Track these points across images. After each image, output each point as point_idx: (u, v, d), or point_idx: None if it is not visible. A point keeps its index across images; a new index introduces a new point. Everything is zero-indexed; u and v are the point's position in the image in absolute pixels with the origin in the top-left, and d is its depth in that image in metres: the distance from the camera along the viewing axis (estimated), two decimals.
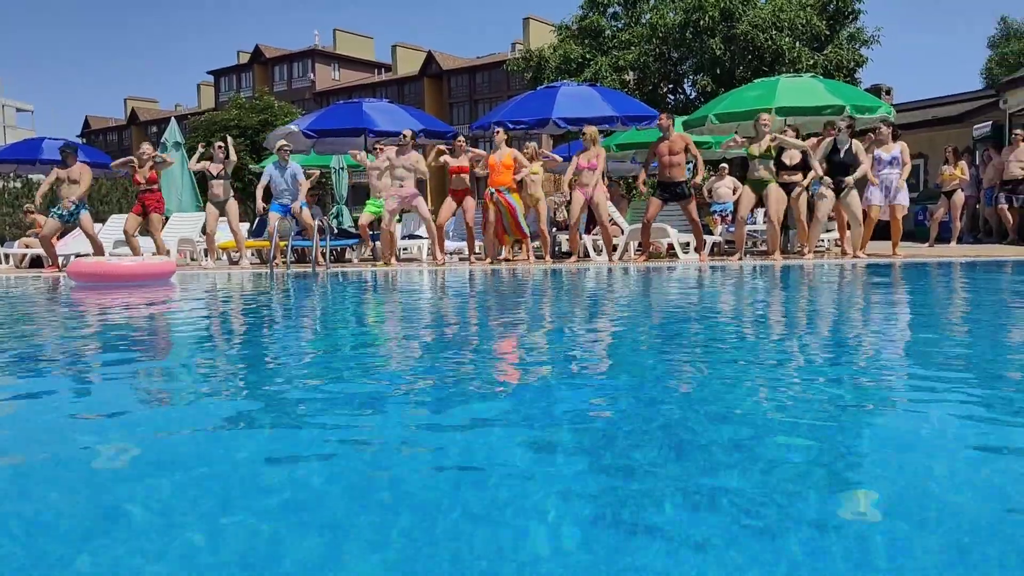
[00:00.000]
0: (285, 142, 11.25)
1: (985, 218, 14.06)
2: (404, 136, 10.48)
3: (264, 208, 11.29)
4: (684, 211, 10.04)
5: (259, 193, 11.24)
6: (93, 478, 1.51)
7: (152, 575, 1.06)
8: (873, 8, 69.59)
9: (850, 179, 9.22)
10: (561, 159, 12.24)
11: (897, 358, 2.83)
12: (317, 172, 12.64)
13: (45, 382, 2.65)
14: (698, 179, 10.29)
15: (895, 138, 9.75)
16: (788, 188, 9.55)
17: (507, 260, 10.64)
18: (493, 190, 10.14)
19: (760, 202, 9.74)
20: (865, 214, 9.46)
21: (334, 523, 1.22)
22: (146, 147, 11.36)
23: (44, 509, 1.33)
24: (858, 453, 1.61)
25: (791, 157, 9.49)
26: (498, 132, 10.52)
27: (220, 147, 11.50)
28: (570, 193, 10.32)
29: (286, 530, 1.20)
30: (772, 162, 9.48)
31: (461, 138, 10.99)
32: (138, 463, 1.60)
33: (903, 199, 9.62)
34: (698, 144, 13.55)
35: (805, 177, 9.52)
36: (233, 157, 11.48)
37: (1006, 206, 12.34)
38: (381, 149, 11.10)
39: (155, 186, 11.07)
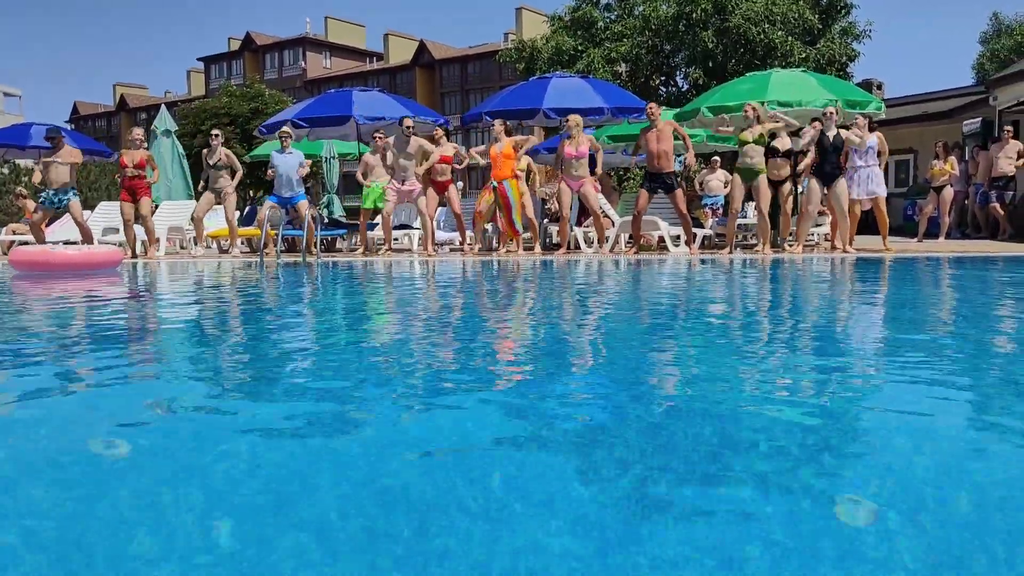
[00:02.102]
0: (287, 129, 11.10)
1: (974, 214, 14.12)
2: (407, 128, 10.52)
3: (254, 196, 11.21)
4: (672, 203, 10.05)
5: (270, 175, 11.00)
6: None
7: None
8: (865, 2, 69.67)
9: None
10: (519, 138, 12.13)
11: (886, 352, 2.85)
12: (308, 162, 12.54)
13: None
14: (689, 159, 10.14)
15: (871, 130, 9.79)
16: (776, 183, 9.62)
17: (502, 251, 10.62)
18: (495, 183, 10.19)
19: (750, 194, 9.79)
20: (848, 208, 9.53)
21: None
22: (137, 131, 11.24)
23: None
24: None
25: (783, 143, 9.53)
26: (495, 124, 10.50)
27: (215, 135, 11.32)
28: (557, 184, 10.33)
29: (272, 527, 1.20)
30: (763, 149, 9.51)
31: (438, 129, 11.02)
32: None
33: (879, 189, 9.61)
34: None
35: (793, 167, 9.63)
36: (237, 167, 11.31)
37: (997, 204, 12.40)
38: (380, 138, 11.04)
39: (142, 172, 10.88)
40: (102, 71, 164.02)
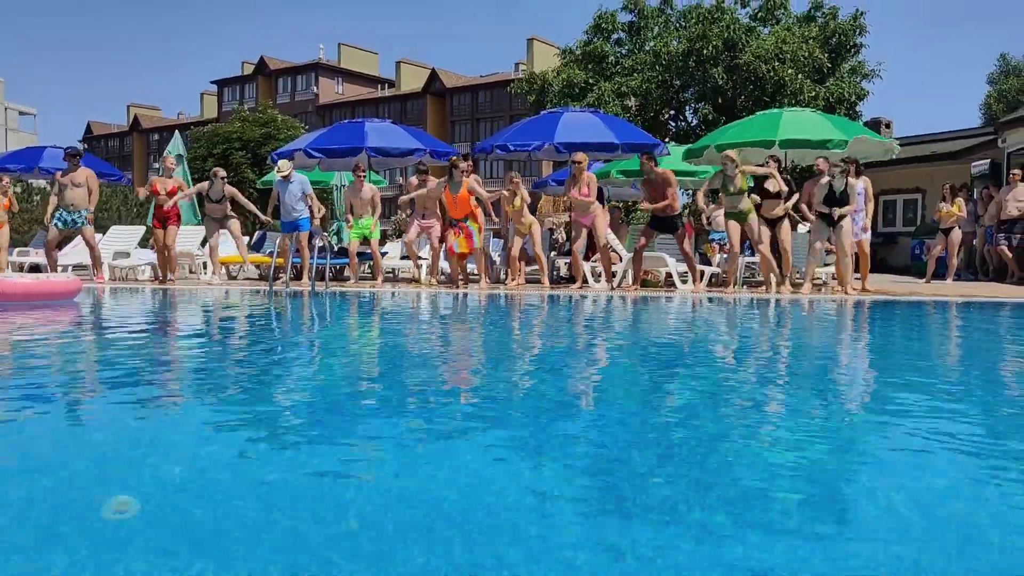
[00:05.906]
0: (285, 162, 11.18)
1: (983, 256, 14.12)
2: (424, 177, 10.83)
3: (267, 221, 11.29)
4: (677, 244, 10.12)
5: (270, 207, 11.14)
6: None
7: None
8: (874, 41, 70.26)
9: (844, 210, 9.33)
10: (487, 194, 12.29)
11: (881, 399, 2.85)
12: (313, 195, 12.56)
13: None
14: (699, 199, 10.79)
15: (858, 174, 9.93)
16: (772, 222, 9.67)
17: (511, 284, 10.65)
18: (455, 221, 10.34)
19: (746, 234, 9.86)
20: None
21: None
22: (170, 159, 11.51)
23: None
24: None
25: (773, 184, 9.56)
26: (458, 165, 10.51)
27: (224, 178, 11.37)
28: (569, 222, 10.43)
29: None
30: (749, 193, 9.57)
31: (468, 164, 11.16)
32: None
33: (863, 233, 10.04)
34: (693, 174, 13.81)
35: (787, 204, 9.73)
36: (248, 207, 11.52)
37: (1005, 246, 12.39)
38: (360, 174, 11.10)
39: (173, 199, 11.00)
40: (116, 91, 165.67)
